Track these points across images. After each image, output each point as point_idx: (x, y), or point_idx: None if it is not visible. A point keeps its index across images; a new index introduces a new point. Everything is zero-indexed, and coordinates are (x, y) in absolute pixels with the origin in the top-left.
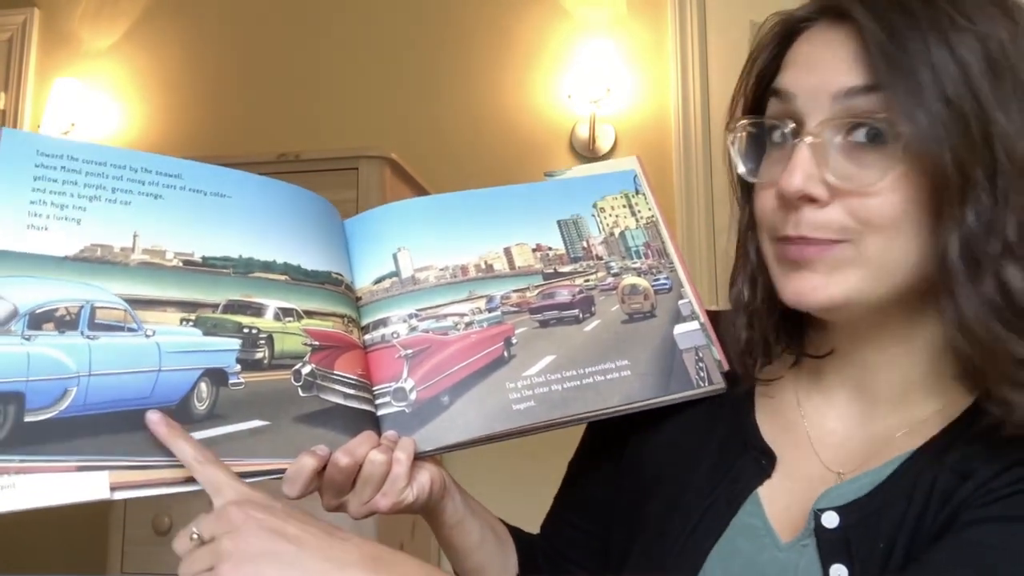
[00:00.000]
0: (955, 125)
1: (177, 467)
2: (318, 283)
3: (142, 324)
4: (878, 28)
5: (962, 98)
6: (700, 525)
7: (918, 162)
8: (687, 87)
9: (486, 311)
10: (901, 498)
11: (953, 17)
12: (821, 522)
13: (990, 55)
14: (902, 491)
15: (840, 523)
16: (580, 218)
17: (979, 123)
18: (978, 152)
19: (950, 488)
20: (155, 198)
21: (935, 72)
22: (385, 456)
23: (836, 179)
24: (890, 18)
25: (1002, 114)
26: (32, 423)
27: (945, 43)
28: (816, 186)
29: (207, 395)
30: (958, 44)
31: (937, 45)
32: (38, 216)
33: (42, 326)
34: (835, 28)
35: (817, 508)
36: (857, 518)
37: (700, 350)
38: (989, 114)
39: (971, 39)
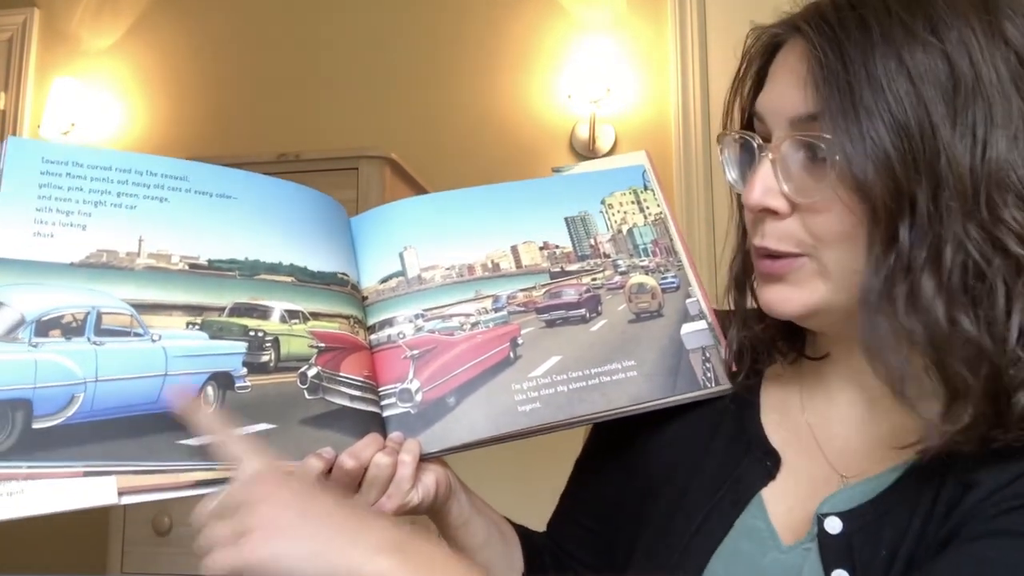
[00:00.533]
0: (897, 146)
1: (185, 471)
2: (324, 284)
3: (148, 329)
4: (825, 48)
5: (909, 116)
6: (704, 526)
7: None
8: (687, 87)
9: (492, 311)
10: (905, 506)
11: (912, 29)
12: (824, 527)
13: (953, 68)
14: (906, 499)
15: (843, 529)
16: (588, 215)
17: (925, 142)
18: (921, 172)
19: (955, 498)
20: (160, 201)
21: (879, 90)
22: (390, 459)
23: (792, 193)
24: (839, 36)
25: (954, 132)
26: (40, 430)
27: (896, 57)
28: (775, 199)
29: (214, 399)
30: (913, 57)
31: (886, 60)
32: (44, 223)
33: (49, 333)
34: (796, 46)
35: (820, 513)
36: (860, 524)
37: (707, 350)
38: (938, 132)
39: (932, 51)
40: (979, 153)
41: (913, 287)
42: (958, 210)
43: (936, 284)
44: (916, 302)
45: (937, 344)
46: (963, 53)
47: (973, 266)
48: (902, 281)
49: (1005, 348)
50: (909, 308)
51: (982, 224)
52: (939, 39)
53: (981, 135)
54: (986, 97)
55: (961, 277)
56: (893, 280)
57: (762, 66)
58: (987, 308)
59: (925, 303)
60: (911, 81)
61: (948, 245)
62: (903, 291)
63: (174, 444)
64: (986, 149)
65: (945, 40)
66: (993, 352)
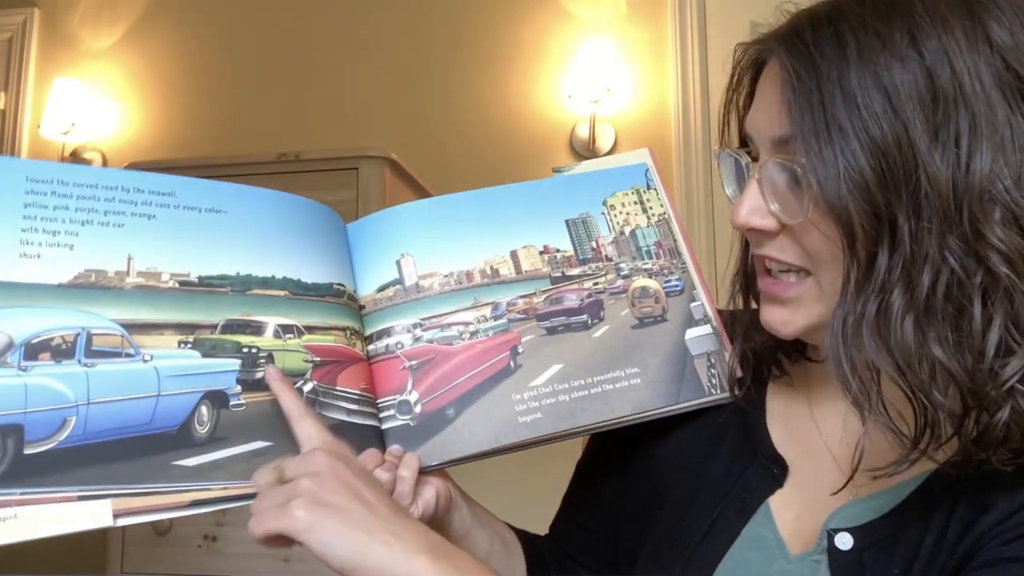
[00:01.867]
0: (874, 166)
1: (179, 492)
2: (319, 296)
3: (139, 349)
4: (799, 69)
5: (886, 133)
6: (710, 535)
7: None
8: (687, 87)
9: (491, 319)
10: (918, 524)
11: (888, 41)
12: (835, 543)
13: (933, 79)
14: (919, 516)
15: (854, 545)
16: (589, 216)
17: (904, 159)
18: (901, 191)
19: (968, 519)
20: (148, 218)
21: (854, 109)
22: (389, 474)
23: (778, 214)
24: (813, 55)
25: (935, 146)
26: (32, 455)
27: (872, 73)
28: (762, 219)
29: (208, 418)
30: (890, 72)
31: (861, 76)
32: (30, 244)
33: (38, 356)
34: (774, 65)
35: (830, 528)
36: (871, 541)
37: (712, 356)
38: (917, 147)
39: (910, 64)
40: (962, 166)
41: (885, 310)
42: (939, 228)
43: (907, 306)
44: (887, 326)
45: (907, 370)
46: (943, 62)
47: (954, 284)
48: (874, 305)
49: (981, 366)
50: (878, 333)
51: (964, 240)
52: (917, 50)
53: (965, 146)
54: (969, 107)
55: (936, 297)
56: (867, 305)
57: (751, 82)
58: (964, 326)
59: (895, 327)
60: (888, 97)
61: (927, 264)
62: (873, 315)
63: (169, 465)
64: (970, 161)
65: (924, 50)
66: (965, 374)
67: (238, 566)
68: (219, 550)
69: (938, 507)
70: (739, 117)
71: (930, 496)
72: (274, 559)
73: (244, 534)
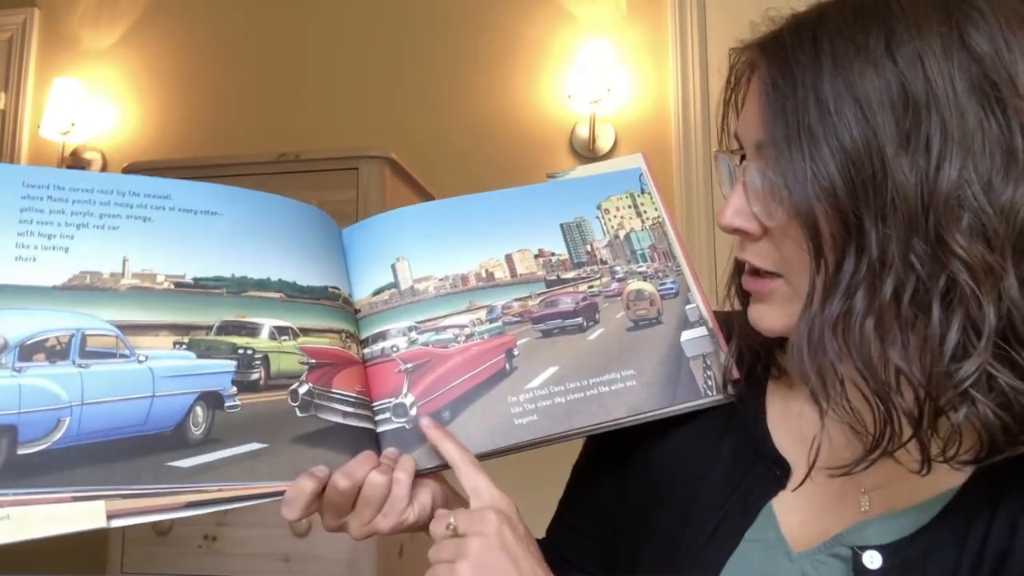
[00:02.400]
0: (843, 173)
1: (174, 493)
2: (314, 299)
3: (134, 350)
4: (775, 75)
5: (856, 140)
6: (713, 538)
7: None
8: (687, 87)
9: (487, 322)
10: (952, 543)
11: (863, 48)
12: (863, 562)
13: (905, 86)
14: (953, 535)
15: (883, 565)
16: (584, 220)
17: (874, 166)
18: (870, 198)
19: (1004, 540)
20: (144, 221)
21: (827, 115)
22: (385, 477)
23: (760, 216)
24: (790, 62)
25: (904, 153)
26: (25, 455)
27: (845, 80)
28: (746, 221)
29: (203, 419)
30: (863, 78)
31: (835, 83)
32: (26, 247)
33: (33, 357)
34: (759, 71)
35: (856, 546)
36: (902, 560)
37: (708, 357)
38: (885, 154)
39: (883, 70)
40: (931, 172)
41: (847, 314)
42: (904, 233)
43: (868, 309)
44: (848, 329)
45: (866, 371)
46: (916, 69)
47: (918, 289)
48: (838, 308)
49: (937, 369)
50: (840, 335)
51: (929, 246)
52: (892, 56)
53: (935, 153)
54: (940, 113)
55: (899, 301)
56: (831, 307)
57: (747, 84)
58: (923, 330)
59: (855, 330)
60: (859, 104)
61: (891, 269)
62: (835, 317)
63: (163, 466)
64: (939, 168)
65: (898, 56)
66: (923, 376)
67: (238, 566)
68: (219, 550)
69: (974, 528)
70: (737, 119)
71: (964, 514)
72: (274, 559)
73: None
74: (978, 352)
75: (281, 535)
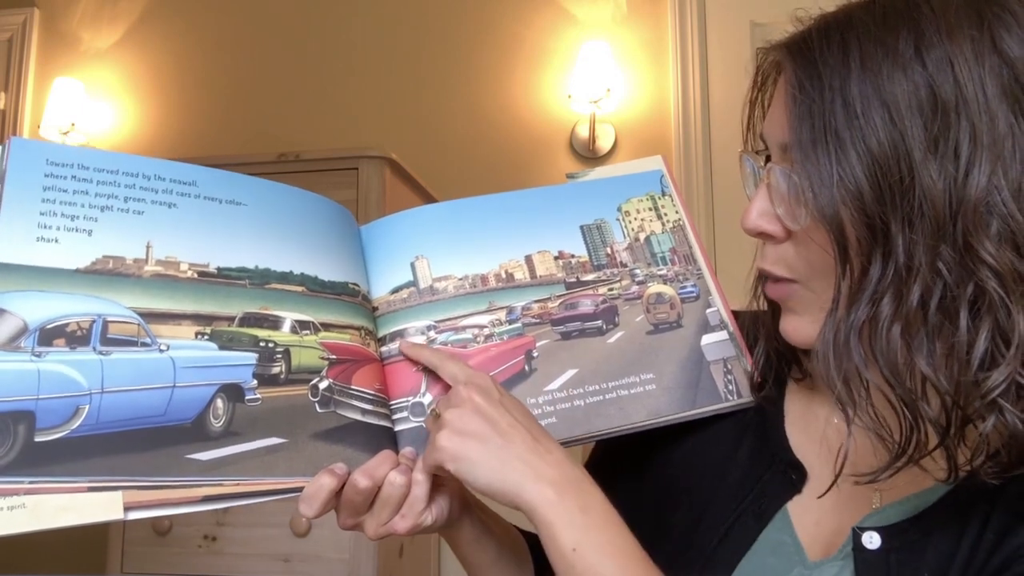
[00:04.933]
0: (870, 177)
1: (192, 486)
2: (335, 294)
3: (156, 338)
4: (802, 77)
5: (884, 144)
6: (727, 540)
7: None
8: (687, 87)
9: (506, 323)
10: (951, 529)
11: (893, 51)
12: (861, 542)
13: (935, 90)
14: (952, 521)
15: (881, 545)
16: (604, 222)
17: (901, 170)
18: (897, 202)
19: (1004, 528)
20: (169, 207)
21: (854, 119)
22: (404, 478)
23: (784, 218)
24: (818, 63)
25: (932, 158)
26: (43, 443)
27: (873, 83)
28: (769, 223)
29: (223, 412)
30: (891, 82)
31: (863, 86)
32: (48, 228)
33: (53, 342)
34: (786, 72)
35: (856, 527)
36: (900, 542)
37: (728, 361)
38: (913, 158)
39: (912, 74)
40: (959, 178)
41: (873, 320)
42: (931, 239)
43: (895, 316)
44: (875, 336)
45: (893, 378)
46: (946, 72)
47: (945, 296)
48: (864, 314)
49: (965, 378)
50: (866, 341)
51: (956, 253)
52: (921, 60)
53: (964, 158)
54: (970, 118)
55: (926, 308)
56: (857, 313)
57: (774, 84)
58: (951, 337)
59: (882, 337)
60: (887, 107)
61: (918, 275)
62: (862, 323)
63: (182, 459)
64: (968, 173)
65: (927, 60)
66: (950, 384)
67: (238, 566)
68: (219, 550)
69: (973, 513)
70: (763, 119)
71: (963, 501)
72: (274, 559)
73: (244, 534)
74: (1007, 361)
75: (281, 535)
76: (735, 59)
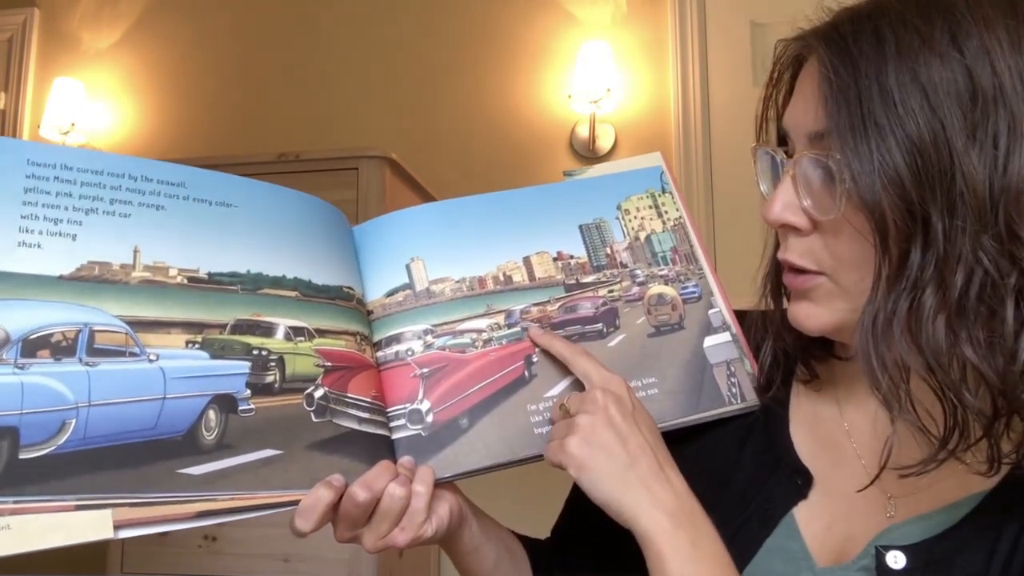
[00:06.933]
0: (910, 164)
1: (184, 502)
2: (329, 299)
3: (145, 348)
4: (836, 64)
5: (923, 131)
6: (732, 546)
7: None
8: (687, 87)
9: (505, 327)
10: (981, 546)
11: (929, 39)
12: (886, 561)
13: (972, 78)
14: (982, 538)
15: (908, 565)
16: (603, 222)
17: (940, 157)
18: (936, 189)
19: None
20: (157, 209)
21: (892, 106)
22: (404, 490)
23: (811, 210)
24: (852, 51)
25: (972, 145)
26: (27, 460)
27: (911, 71)
28: (794, 215)
29: (216, 423)
30: (929, 69)
31: (900, 74)
32: (30, 232)
33: (36, 353)
34: (814, 61)
35: (880, 545)
36: (926, 561)
37: (732, 364)
38: (953, 146)
39: (950, 62)
40: (1000, 166)
41: (916, 308)
42: (973, 227)
43: (939, 305)
44: (918, 324)
45: (937, 369)
46: (984, 62)
47: (987, 285)
48: (906, 303)
49: (1013, 368)
50: (909, 331)
51: (999, 241)
52: (958, 48)
53: (1003, 146)
54: (1008, 107)
55: (969, 297)
56: (898, 302)
57: (791, 79)
58: (996, 328)
59: (926, 326)
60: (925, 94)
61: (960, 264)
62: (904, 312)
63: (174, 473)
64: (1008, 161)
65: (965, 49)
66: (996, 376)
67: (238, 566)
68: (219, 550)
69: (1004, 531)
70: (778, 114)
71: (993, 518)
72: (274, 559)
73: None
74: None
75: (281, 535)
76: (735, 59)
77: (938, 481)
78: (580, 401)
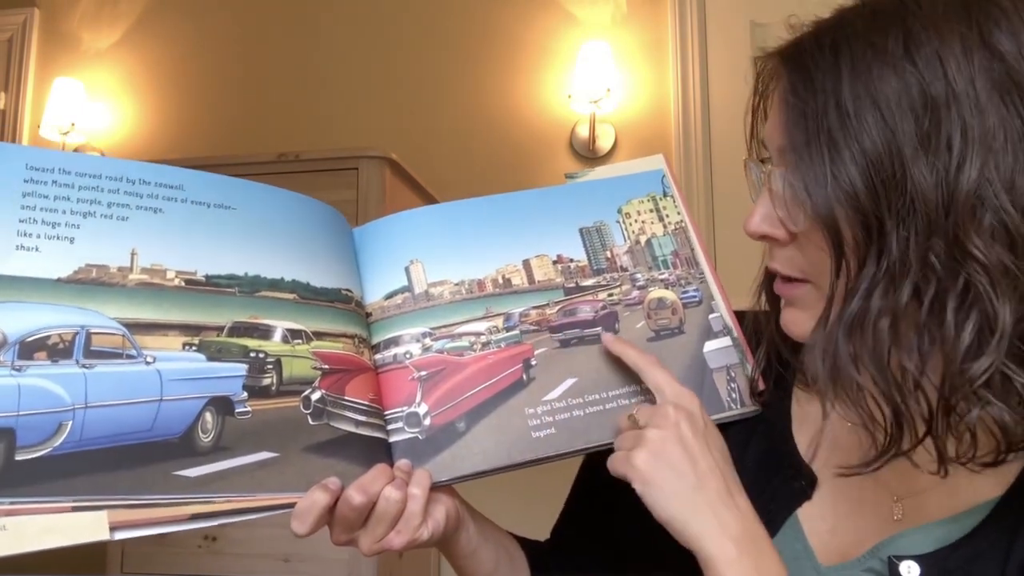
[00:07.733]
0: (864, 177)
1: (180, 504)
2: (327, 301)
3: (142, 350)
4: (795, 83)
5: (877, 144)
6: None
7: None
8: (687, 87)
9: (504, 330)
10: (995, 555)
11: (883, 51)
12: (899, 572)
13: (925, 88)
14: (995, 547)
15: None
16: (604, 225)
17: (895, 169)
18: (891, 200)
19: None
20: (154, 212)
21: (847, 120)
22: (400, 493)
23: (786, 221)
24: (810, 68)
25: (924, 155)
26: (24, 461)
27: (864, 84)
28: (772, 227)
29: (212, 426)
30: (882, 82)
31: (854, 88)
32: (28, 235)
33: (34, 355)
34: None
35: (892, 555)
36: (940, 571)
37: (732, 368)
38: (905, 157)
39: (902, 73)
40: (951, 173)
41: (863, 312)
42: (923, 234)
43: (884, 308)
44: (863, 327)
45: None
46: (937, 70)
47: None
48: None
49: (951, 369)
50: (856, 334)
51: (948, 247)
52: (911, 58)
53: (956, 153)
54: (960, 113)
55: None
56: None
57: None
58: (938, 329)
59: (869, 328)
60: (878, 107)
61: (910, 270)
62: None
63: (170, 475)
64: (960, 168)
65: (917, 58)
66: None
67: (238, 566)
68: (219, 550)
69: (1016, 541)
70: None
71: (1006, 527)
72: (274, 559)
73: (244, 534)
74: (990, 352)
75: (281, 535)
76: (735, 59)
77: (944, 483)
78: (651, 414)
